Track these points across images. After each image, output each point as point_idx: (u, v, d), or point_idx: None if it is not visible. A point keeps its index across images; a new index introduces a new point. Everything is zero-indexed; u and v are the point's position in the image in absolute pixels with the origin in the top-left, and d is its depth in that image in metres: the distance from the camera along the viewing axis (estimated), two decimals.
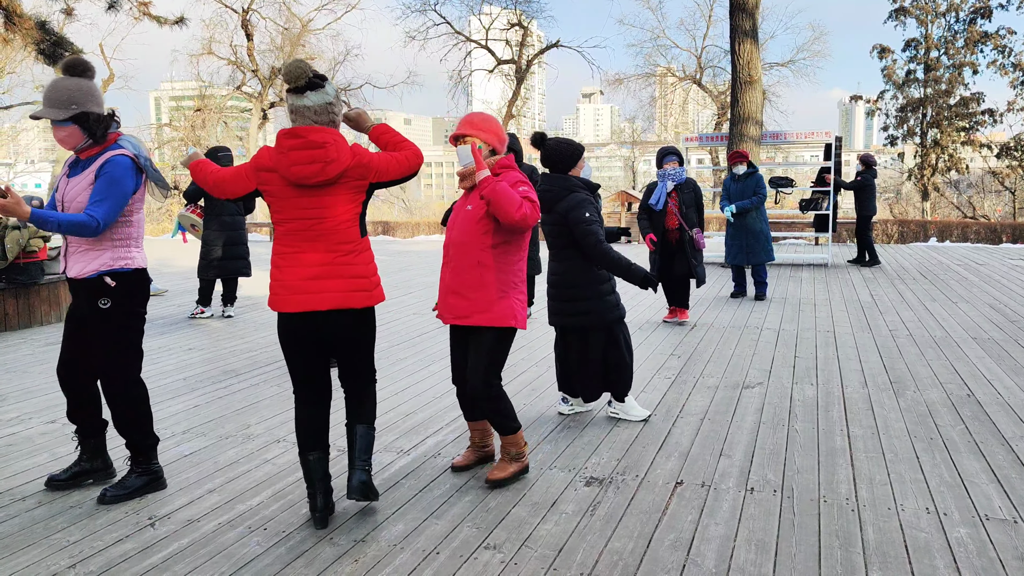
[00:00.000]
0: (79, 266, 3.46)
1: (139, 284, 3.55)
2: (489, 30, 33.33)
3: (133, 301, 3.53)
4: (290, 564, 2.98)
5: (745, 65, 12.61)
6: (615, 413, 4.72)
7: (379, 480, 3.80)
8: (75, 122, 3.39)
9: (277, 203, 3.22)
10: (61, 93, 3.38)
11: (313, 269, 3.20)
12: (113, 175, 3.38)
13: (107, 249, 3.46)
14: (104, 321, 3.48)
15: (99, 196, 3.35)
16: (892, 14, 32.10)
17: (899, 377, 5.68)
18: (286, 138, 3.15)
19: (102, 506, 3.52)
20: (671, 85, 41.49)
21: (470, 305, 3.56)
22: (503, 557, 3.03)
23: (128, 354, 3.54)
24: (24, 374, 6.00)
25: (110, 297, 3.47)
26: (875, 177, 12.64)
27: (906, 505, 3.48)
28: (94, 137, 3.45)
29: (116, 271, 3.47)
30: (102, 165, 3.40)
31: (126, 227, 3.50)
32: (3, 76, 31.85)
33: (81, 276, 3.45)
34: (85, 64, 3.46)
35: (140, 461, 3.65)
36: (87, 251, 3.45)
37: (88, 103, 3.41)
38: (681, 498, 3.56)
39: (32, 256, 7.91)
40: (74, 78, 3.43)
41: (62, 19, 13.83)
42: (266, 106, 32.36)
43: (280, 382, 5.67)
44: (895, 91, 33.14)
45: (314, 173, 3.13)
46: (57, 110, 3.37)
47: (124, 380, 3.54)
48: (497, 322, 3.55)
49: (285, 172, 3.15)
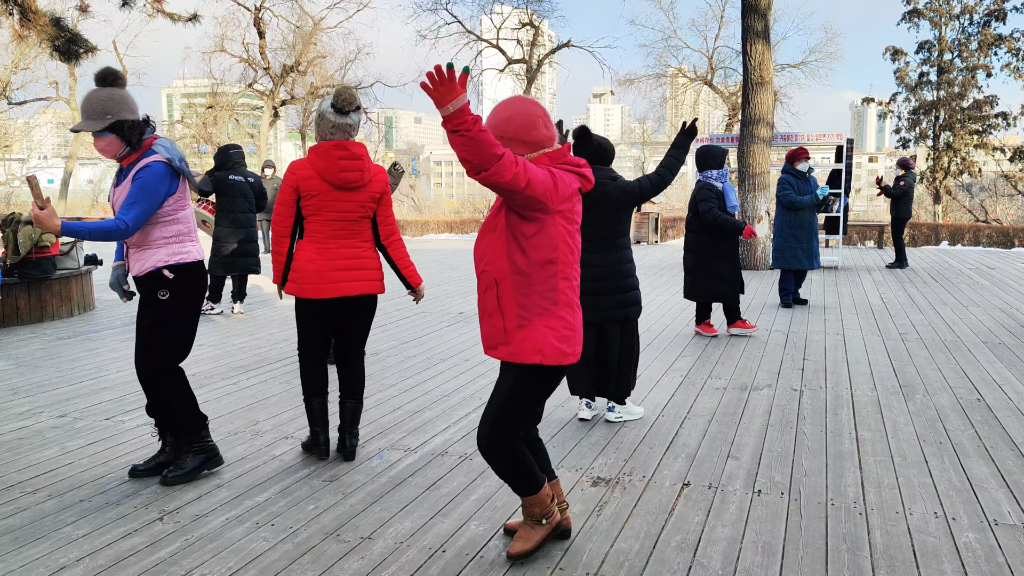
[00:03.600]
0: (138, 265, 3.62)
1: (196, 276, 3.69)
2: (500, 29, 33.33)
3: (190, 293, 3.68)
4: (297, 560, 2.99)
5: (757, 66, 12.56)
6: (619, 417, 4.68)
7: (385, 478, 3.81)
8: (112, 131, 3.51)
9: (316, 202, 3.82)
10: (96, 104, 3.49)
11: (345, 261, 3.88)
12: (145, 180, 3.48)
13: (161, 247, 3.61)
14: (160, 311, 3.63)
15: (131, 200, 3.47)
16: (905, 16, 31.93)
17: (909, 381, 5.65)
18: (336, 149, 3.80)
19: (113, 500, 3.54)
20: (682, 86, 41.38)
21: (491, 335, 2.87)
22: None
23: (175, 343, 3.68)
24: (35, 368, 6.04)
25: (168, 289, 3.62)
26: (915, 180, 12.66)
27: (914, 509, 3.46)
28: (130, 144, 3.55)
29: (173, 265, 3.62)
30: (137, 171, 3.50)
31: (174, 224, 3.63)
32: (18, 72, 32.07)
33: (141, 273, 3.62)
34: (116, 74, 3.57)
35: (194, 440, 3.80)
36: (144, 251, 3.61)
37: (122, 111, 3.51)
38: (688, 499, 3.56)
39: (44, 251, 7.96)
40: (106, 88, 3.54)
41: (76, 16, 13.92)
42: (277, 104, 32.47)
43: (289, 379, 5.69)
44: (908, 93, 32.95)
45: (356, 179, 3.84)
46: (93, 121, 3.49)
47: (169, 367, 3.69)
48: (518, 357, 2.79)
49: (334, 177, 3.80)
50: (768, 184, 12.82)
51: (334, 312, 3.95)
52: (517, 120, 2.77)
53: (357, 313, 3.99)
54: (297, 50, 32.26)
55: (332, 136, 3.82)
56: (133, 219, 3.45)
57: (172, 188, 3.59)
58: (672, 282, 11.06)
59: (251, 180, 8.20)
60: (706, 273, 7.03)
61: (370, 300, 4.01)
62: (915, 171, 12.96)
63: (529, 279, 2.75)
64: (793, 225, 8.69)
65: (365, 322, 4.05)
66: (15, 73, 31.97)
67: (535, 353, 2.75)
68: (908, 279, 11.30)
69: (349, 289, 3.86)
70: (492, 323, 2.82)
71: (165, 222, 3.60)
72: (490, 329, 2.84)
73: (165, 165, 3.54)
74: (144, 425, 4.63)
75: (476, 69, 33.50)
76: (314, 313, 3.92)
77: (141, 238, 3.60)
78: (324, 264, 3.83)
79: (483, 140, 2.48)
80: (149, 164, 3.51)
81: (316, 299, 3.87)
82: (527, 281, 2.75)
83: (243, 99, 36.14)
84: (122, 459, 4.07)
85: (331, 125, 3.80)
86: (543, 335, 2.76)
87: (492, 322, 2.82)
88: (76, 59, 12.97)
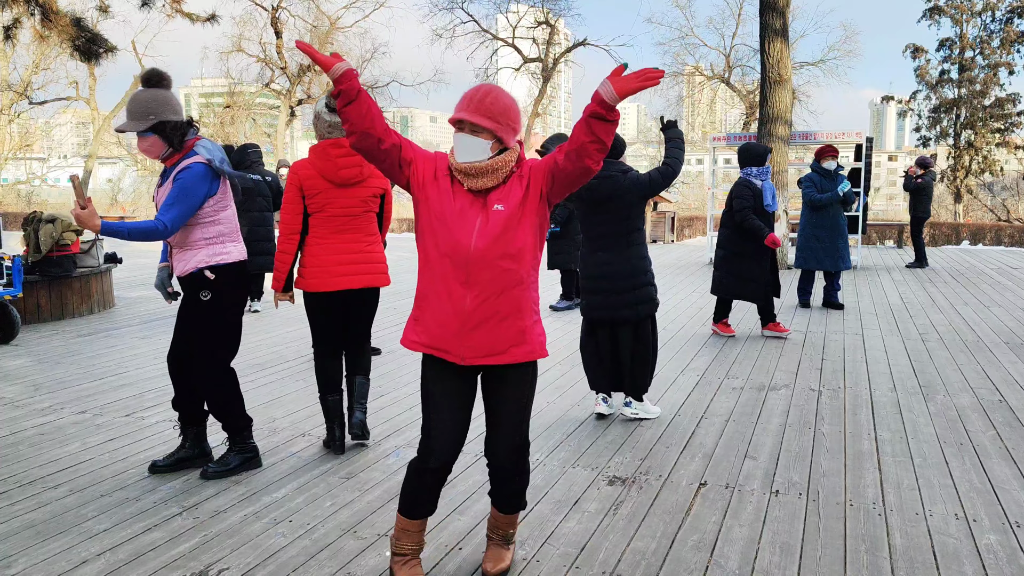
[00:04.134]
0: (181, 265, 3.67)
1: (237, 277, 3.73)
2: (516, 28, 33.32)
3: (231, 293, 3.72)
4: (314, 556, 3.01)
5: (775, 64, 12.47)
6: (635, 413, 4.68)
7: (402, 475, 3.82)
8: (154, 132, 3.56)
9: (319, 200, 3.93)
10: (139, 105, 3.54)
11: (349, 255, 4.00)
12: (185, 182, 3.52)
13: (203, 247, 3.65)
14: (203, 311, 3.68)
15: (170, 201, 3.51)
16: (926, 13, 31.63)
17: (929, 381, 5.60)
18: (333, 147, 3.90)
19: (133, 496, 3.58)
20: (699, 84, 41.18)
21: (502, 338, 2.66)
22: (525, 554, 3.03)
23: (222, 343, 3.73)
24: (56, 365, 6.10)
25: (210, 289, 3.65)
26: (934, 179, 12.53)
27: (934, 511, 3.43)
28: (173, 145, 3.60)
29: (214, 266, 3.65)
30: (178, 172, 3.55)
31: (215, 225, 3.67)
32: (39, 72, 32.43)
33: (183, 274, 3.67)
34: (161, 75, 3.63)
35: (236, 440, 3.85)
36: (186, 251, 3.66)
37: (165, 112, 3.56)
38: (705, 499, 3.54)
39: (65, 249, 8.04)
40: (151, 89, 3.60)
41: (96, 16, 14.04)
42: (294, 103, 32.64)
43: (305, 376, 5.72)
44: (928, 91, 32.66)
45: (355, 175, 3.94)
46: (137, 122, 3.53)
47: (216, 368, 3.73)
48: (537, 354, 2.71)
49: (333, 175, 3.90)
50: (787, 183, 12.73)
51: (341, 304, 4.07)
52: (514, 111, 2.64)
53: (362, 305, 4.12)
54: None
55: (329, 134, 3.93)
56: (171, 220, 3.49)
57: (212, 189, 3.61)
58: (688, 281, 11.01)
59: (268, 179, 8.25)
60: (732, 272, 6.94)
61: (373, 293, 4.14)
62: (934, 170, 12.81)
63: (535, 272, 2.69)
64: (816, 225, 8.45)
65: (369, 314, 4.18)
66: (36, 73, 32.35)
67: (544, 347, 2.72)
68: (928, 279, 11.19)
69: (353, 282, 3.98)
70: (507, 326, 2.59)
71: (206, 223, 3.63)
72: (502, 333, 2.59)
73: (205, 166, 3.58)
74: (163, 422, 4.67)
75: (492, 68, 33.50)
76: (322, 306, 4.04)
77: (182, 239, 3.64)
78: (329, 259, 3.95)
79: None
80: (189, 165, 3.55)
81: (322, 292, 3.99)
82: (536, 277, 2.70)
83: (260, 99, 36.37)
84: (142, 455, 4.11)
85: (327, 124, 3.93)
86: (542, 328, 2.74)
87: (507, 324, 2.59)
88: (96, 59, 13.07)
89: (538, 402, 5.05)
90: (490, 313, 2.57)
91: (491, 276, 2.55)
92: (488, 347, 2.60)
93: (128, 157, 38.74)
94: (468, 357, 2.60)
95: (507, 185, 2.60)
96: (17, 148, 36.19)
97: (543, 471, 3.88)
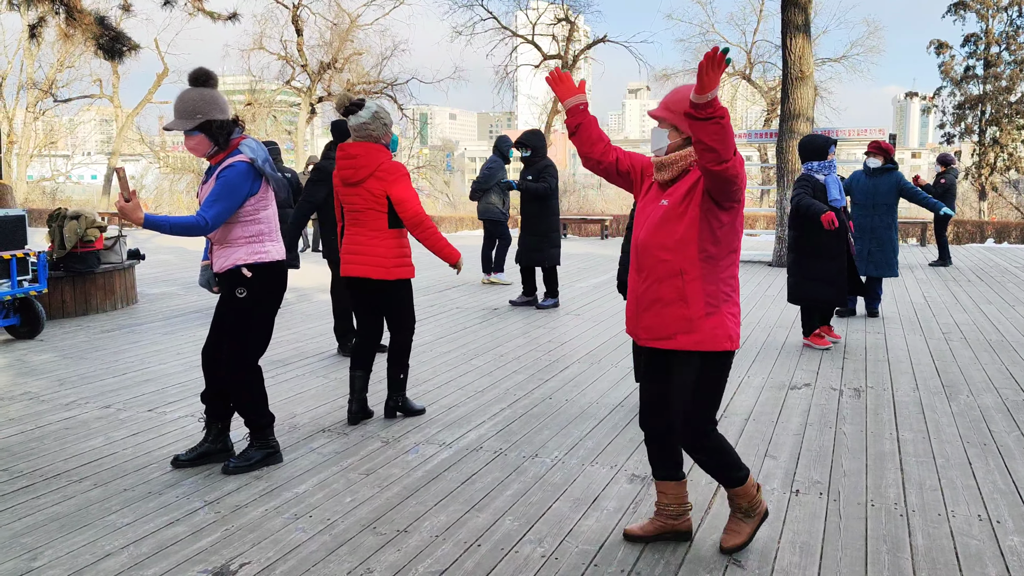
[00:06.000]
0: (220, 262, 3.73)
1: (274, 276, 3.79)
2: (536, 25, 33.27)
3: (267, 292, 3.77)
4: (334, 552, 3.03)
5: (796, 60, 12.37)
6: None
7: (421, 472, 3.84)
8: (201, 130, 3.61)
9: (338, 196, 4.50)
10: (187, 104, 3.59)
11: (351, 247, 4.44)
12: (228, 179, 3.57)
13: (242, 245, 3.70)
14: (237, 309, 3.73)
15: (212, 198, 3.56)
16: (951, 8, 31.22)
17: (952, 381, 5.54)
18: (339, 151, 4.41)
19: (155, 490, 3.62)
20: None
21: (666, 325, 2.83)
22: (544, 551, 3.04)
23: (253, 341, 3.78)
24: (80, 360, 6.18)
25: (246, 287, 3.70)
26: (956, 177, 12.35)
27: (957, 511, 3.39)
28: (218, 143, 3.65)
29: (252, 264, 3.70)
30: (221, 170, 3.60)
31: (255, 224, 3.72)
32: (63, 70, 32.82)
33: (222, 271, 3.73)
34: (208, 74, 3.69)
35: (258, 436, 3.90)
36: (225, 248, 3.72)
37: (212, 111, 3.61)
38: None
39: (89, 246, 8.14)
40: (198, 88, 3.65)
41: (120, 14, 14.19)
42: (314, 100, 32.79)
43: (326, 373, 5.75)
44: (953, 87, 32.23)
45: (349, 176, 4.35)
46: (184, 120, 3.59)
47: (245, 365, 3.78)
48: (707, 345, 2.80)
49: (337, 175, 4.44)
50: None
51: (353, 289, 4.52)
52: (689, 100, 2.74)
53: (366, 294, 4.50)
54: (334, 47, 32.53)
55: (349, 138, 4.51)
56: (213, 216, 3.53)
57: (254, 188, 3.66)
58: None
59: (288, 175, 8.29)
60: (807, 275, 6.46)
61: (374, 284, 4.43)
62: (957, 167, 12.62)
63: (716, 267, 2.80)
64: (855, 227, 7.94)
65: (377, 304, 4.52)
66: (61, 71, 32.74)
67: (726, 340, 2.81)
68: (952, 277, 11.06)
69: (350, 271, 4.42)
70: (669, 312, 2.79)
71: (246, 221, 3.68)
72: (664, 319, 2.81)
73: (248, 165, 3.63)
74: (185, 417, 4.72)
75: (511, 65, 33.48)
76: (339, 286, 5.48)
77: (223, 235, 3.70)
78: (342, 248, 4.51)
79: (731, 130, 2.56)
80: (233, 163, 3.60)
81: (341, 276, 4.58)
82: (714, 269, 2.79)
83: (281, 96, 36.57)
84: (164, 449, 4.15)
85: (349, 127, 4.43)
86: (731, 322, 2.83)
87: (669, 311, 2.79)
88: (119, 57, 13.20)
89: (557, 400, 5.06)
90: (654, 299, 2.83)
91: (652, 264, 2.83)
92: (656, 331, 2.85)
93: (150, 154, 39.12)
94: (642, 338, 2.90)
95: (681, 180, 2.82)
96: (42, 145, 36.67)
97: (562, 469, 3.88)
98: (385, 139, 4.40)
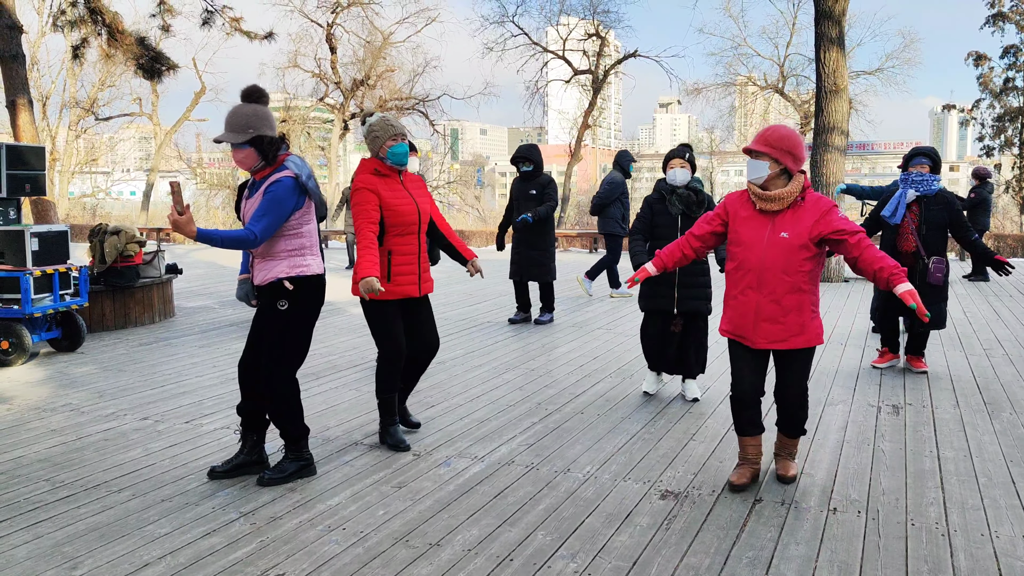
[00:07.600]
0: (261, 274, 3.79)
1: (314, 289, 3.84)
2: (566, 40, 33.37)
3: (307, 305, 3.82)
4: (367, 564, 3.04)
5: (831, 73, 12.26)
6: (693, 394, 5.36)
7: (453, 486, 3.84)
8: (251, 145, 3.69)
9: None
10: (240, 119, 3.68)
11: None
12: (276, 194, 3.65)
13: (284, 259, 3.77)
14: (277, 321, 3.79)
15: (261, 212, 3.64)
16: (989, 20, 30.72)
17: (994, 398, 5.42)
18: None
19: (192, 501, 3.66)
20: (752, 94, 40.65)
21: (786, 329, 3.62)
22: (577, 567, 3.02)
23: (291, 353, 3.83)
24: (120, 372, 6.30)
25: (287, 299, 3.76)
26: (991, 192, 12.12)
27: (1001, 532, 3.31)
28: (266, 158, 3.73)
29: (293, 277, 3.76)
30: (269, 185, 3.67)
31: (297, 238, 3.79)
32: (104, 89, 33.61)
33: (263, 283, 3.79)
34: (260, 91, 3.77)
35: (293, 449, 3.94)
36: (267, 261, 3.78)
37: (263, 127, 3.70)
38: (759, 515, 3.48)
39: (128, 260, 8.30)
40: (251, 104, 3.74)
41: (159, 35, 14.50)
42: (347, 117, 33.17)
43: (359, 386, 5.79)
44: (992, 100, 31.67)
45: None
46: (236, 134, 3.68)
47: (282, 377, 3.83)
48: (813, 342, 3.66)
49: None
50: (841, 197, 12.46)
51: None
52: (789, 139, 3.54)
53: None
54: (367, 64, 32.92)
55: None
56: (262, 230, 3.61)
57: (299, 203, 3.74)
58: None
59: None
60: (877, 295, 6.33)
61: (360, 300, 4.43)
62: (992, 181, 12.35)
63: (816, 281, 3.65)
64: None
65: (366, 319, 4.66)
66: (102, 90, 33.52)
67: (822, 336, 3.70)
68: (992, 292, 10.83)
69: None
70: (791, 319, 3.60)
71: (289, 235, 3.75)
72: (786, 325, 3.61)
73: (294, 180, 3.70)
74: (221, 428, 4.78)
75: (542, 80, 33.59)
76: None
77: (266, 249, 3.76)
78: None
79: None
80: (280, 179, 3.67)
81: None
82: (815, 282, 3.64)
83: (314, 113, 37.04)
84: (201, 461, 4.21)
85: None
86: (820, 323, 3.71)
87: (791, 319, 3.60)
88: (159, 76, 13.52)
89: (589, 414, 5.04)
90: (775, 311, 3.59)
91: (775, 283, 3.58)
92: (774, 335, 3.63)
93: (188, 170, 39.84)
94: (760, 343, 3.67)
95: (794, 213, 3.57)
96: (83, 163, 37.52)
97: (594, 484, 3.86)
98: (381, 152, 4.26)
